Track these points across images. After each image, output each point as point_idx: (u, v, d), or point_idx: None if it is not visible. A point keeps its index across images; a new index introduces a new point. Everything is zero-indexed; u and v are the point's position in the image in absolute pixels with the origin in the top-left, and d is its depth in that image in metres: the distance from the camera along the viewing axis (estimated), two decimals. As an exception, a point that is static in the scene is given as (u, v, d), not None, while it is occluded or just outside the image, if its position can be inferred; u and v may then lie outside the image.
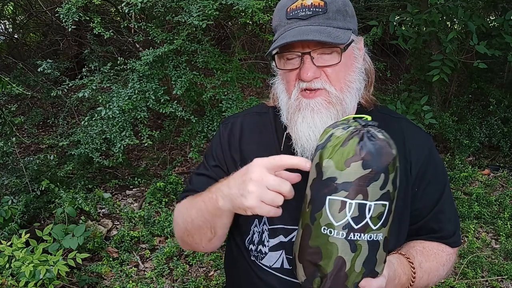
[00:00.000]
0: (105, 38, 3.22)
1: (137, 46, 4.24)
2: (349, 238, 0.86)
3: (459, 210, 3.52)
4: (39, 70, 3.25)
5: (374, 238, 0.87)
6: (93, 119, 3.24)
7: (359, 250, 0.87)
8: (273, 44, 1.08)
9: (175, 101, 3.33)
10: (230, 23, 4.81)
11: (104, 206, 3.62)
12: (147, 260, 3.14)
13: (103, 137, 3.22)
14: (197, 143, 3.55)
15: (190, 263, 3.06)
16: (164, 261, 3.00)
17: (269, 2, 3.10)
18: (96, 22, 3.12)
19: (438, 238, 1.22)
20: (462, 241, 3.19)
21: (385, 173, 0.85)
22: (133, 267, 2.98)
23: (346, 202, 0.85)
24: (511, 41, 3.70)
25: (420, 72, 4.72)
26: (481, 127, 4.57)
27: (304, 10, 1.06)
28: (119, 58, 3.31)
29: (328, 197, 0.86)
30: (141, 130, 3.25)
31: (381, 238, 0.88)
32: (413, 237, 1.22)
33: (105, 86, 3.41)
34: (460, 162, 4.23)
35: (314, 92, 1.08)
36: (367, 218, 0.86)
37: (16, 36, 6.47)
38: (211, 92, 3.33)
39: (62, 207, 3.04)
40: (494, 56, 3.88)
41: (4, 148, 3.16)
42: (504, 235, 3.29)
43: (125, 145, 3.17)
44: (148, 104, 3.17)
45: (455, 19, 4.34)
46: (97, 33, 3.16)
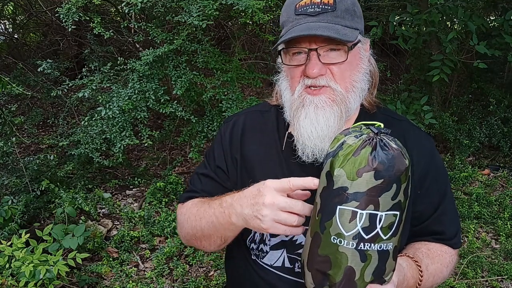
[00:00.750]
0: (105, 38, 3.22)
1: (137, 46, 4.25)
2: (359, 248, 0.85)
3: (459, 210, 3.52)
4: (39, 70, 3.25)
5: (384, 248, 0.86)
6: (93, 119, 3.23)
7: (369, 260, 0.86)
8: (281, 38, 1.08)
9: (175, 101, 3.33)
10: (230, 23, 4.81)
11: (104, 206, 3.62)
12: (147, 260, 3.14)
13: (103, 137, 3.22)
14: (197, 143, 3.55)
15: (190, 263, 3.06)
16: (164, 261, 3.00)
17: (269, 2, 3.10)
18: (96, 22, 3.12)
19: (440, 239, 1.22)
20: (462, 241, 3.19)
21: (397, 183, 0.84)
22: (133, 267, 2.98)
23: (357, 212, 0.84)
24: (511, 41, 3.70)
25: (420, 72, 4.72)
26: (481, 127, 4.57)
27: (313, 6, 1.06)
28: (119, 58, 3.31)
29: (338, 207, 0.85)
30: (141, 130, 3.25)
31: (391, 247, 0.87)
32: (415, 239, 1.22)
33: (105, 86, 3.41)
34: (460, 162, 4.23)
35: (319, 89, 1.08)
36: (378, 229, 0.85)
37: (16, 36, 6.47)
38: (211, 92, 3.32)
39: (62, 207, 3.04)
40: (494, 56, 3.87)
41: (4, 148, 3.16)
42: (504, 235, 3.29)
43: (125, 145, 3.16)
44: (148, 104, 3.17)
45: (455, 19, 4.34)
46: (97, 33, 3.16)
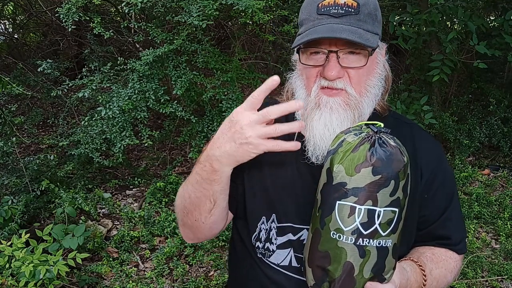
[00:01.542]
0: (105, 38, 3.22)
1: (137, 46, 4.25)
2: (357, 243, 0.86)
3: (459, 210, 3.51)
4: (39, 70, 3.25)
5: (383, 245, 0.87)
6: (93, 119, 3.24)
7: (367, 256, 0.87)
8: (302, 37, 1.06)
9: (175, 101, 3.33)
10: (230, 23, 4.80)
11: (104, 206, 3.62)
12: (147, 260, 3.14)
13: (103, 137, 3.22)
14: (197, 143, 3.55)
15: (190, 263, 3.06)
16: (164, 261, 3.00)
17: (269, 2, 3.10)
18: (96, 22, 3.12)
19: (445, 244, 1.22)
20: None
21: (396, 180, 0.85)
22: (133, 267, 2.98)
23: (355, 207, 0.85)
24: (511, 41, 3.70)
25: (420, 72, 4.72)
26: (481, 127, 4.57)
27: (336, 8, 1.05)
28: (119, 58, 3.31)
29: (337, 202, 0.87)
30: (141, 130, 3.25)
31: (390, 244, 0.88)
32: (420, 243, 1.22)
33: (105, 86, 3.41)
34: (460, 162, 4.23)
35: (335, 91, 1.07)
36: (376, 224, 0.86)
37: (16, 36, 6.47)
38: (211, 92, 3.32)
39: (62, 207, 3.04)
40: (494, 56, 3.87)
41: (4, 148, 3.16)
42: (504, 235, 3.29)
43: (125, 145, 3.16)
44: (148, 104, 3.17)
45: (455, 19, 4.34)
46: (97, 33, 3.16)
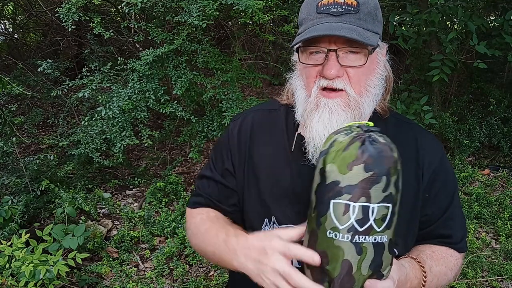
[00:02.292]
0: (105, 38, 3.22)
1: (137, 46, 4.25)
2: (354, 240, 0.86)
3: (459, 210, 3.52)
4: (39, 70, 3.25)
5: (379, 240, 0.88)
6: (93, 119, 3.24)
7: (364, 253, 0.87)
8: (301, 35, 1.06)
9: (175, 101, 3.33)
10: (230, 23, 4.80)
11: (104, 206, 3.63)
12: (147, 260, 3.14)
13: (103, 137, 3.22)
14: (197, 143, 3.55)
15: (190, 263, 3.06)
16: (164, 261, 3.00)
17: (269, 2, 3.10)
18: (96, 22, 3.12)
19: (446, 243, 1.22)
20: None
21: (387, 176, 0.86)
22: (133, 267, 2.98)
23: (349, 205, 0.86)
24: (511, 41, 3.70)
25: (420, 72, 4.72)
26: (481, 127, 4.57)
27: (336, 6, 1.04)
28: (119, 58, 3.31)
29: (332, 201, 0.87)
30: (141, 130, 3.25)
31: (386, 240, 0.89)
32: (422, 242, 1.23)
33: (105, 86, 3.41)
34: (460, 162, 4.23)
35: (335, 93, 1.07)
36: (371, 220, 0.86)
37: (16, 36, 6.48)
38: (211, 92, 3.32)
39: (62, 207, 3.04)
40: (494, 56, 3.87)
41: (4, 148, 3.16)
42: (504, 235, 3.29)
43: (125, 145, 3.17)
44: (148, 104, 3.17)
45: (455, 19, 4.34)
46: (97, 33, 3.16)
